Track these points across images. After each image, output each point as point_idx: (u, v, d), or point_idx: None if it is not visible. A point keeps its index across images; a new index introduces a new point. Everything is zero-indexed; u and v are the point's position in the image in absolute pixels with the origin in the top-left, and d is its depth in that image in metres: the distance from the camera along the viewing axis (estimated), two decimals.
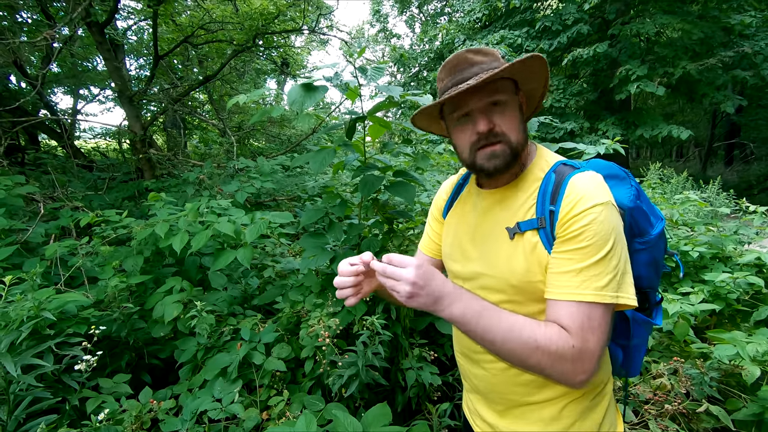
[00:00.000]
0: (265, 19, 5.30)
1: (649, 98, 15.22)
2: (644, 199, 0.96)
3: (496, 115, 0.90)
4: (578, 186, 0.84)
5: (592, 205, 0.81)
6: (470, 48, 0.93)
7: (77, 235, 2.80)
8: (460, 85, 0.88)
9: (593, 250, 0.80)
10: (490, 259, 0.94)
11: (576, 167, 0.90)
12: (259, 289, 2.55)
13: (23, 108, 4.15)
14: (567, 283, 0.81)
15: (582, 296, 0.79)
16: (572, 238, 0.81)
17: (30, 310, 1.47)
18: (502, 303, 0.91)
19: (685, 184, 6.69)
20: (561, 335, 0.79)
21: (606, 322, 0.80)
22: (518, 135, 0.91)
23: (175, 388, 1.80)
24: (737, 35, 10.29)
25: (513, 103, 0.92)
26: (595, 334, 0.79)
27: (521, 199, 0.92)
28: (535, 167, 0.94)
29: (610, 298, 0.79)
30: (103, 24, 4.27)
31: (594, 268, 0.80)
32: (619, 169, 0.98)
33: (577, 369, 0.78)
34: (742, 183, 13.19)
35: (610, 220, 0.81)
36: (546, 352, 0.78)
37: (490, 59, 0.91)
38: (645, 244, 0.94)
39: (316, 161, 1.86)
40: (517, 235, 0.90)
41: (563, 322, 0.80)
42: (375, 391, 2.00)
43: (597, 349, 0.79)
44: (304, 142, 6.18)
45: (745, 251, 2.92)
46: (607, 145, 2.54)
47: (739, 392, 1.97)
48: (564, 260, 0.82)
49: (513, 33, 12.21)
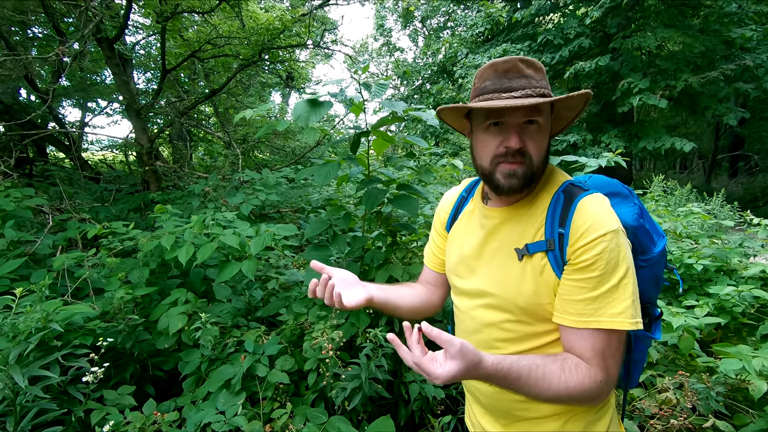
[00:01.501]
0: (270, 34, 5.40)
1: (651, 110, 15.28)
2: (647, 218, 0.96)
3: (528, 135, 0.87)
4: (588, 211, 0.84)
5: (603, 233, 0.81)
6: (524, 57, 0.89)
7: (84, 246, 2.83)
8: (504, 95, 0.85)
9: (606, 278, 0.80)
10: (497, 279, 0.93)
11: (584, 188, 0.90)
12: (263, 300, 2.55)
13: (32, 121, 4.23)
14: (582, 310, 0.82)
15: (599, 323, 0.80)
16: (585, 267, 0.81)
17: (38, 322, 1.49)
18: (507, 322, 0.92)
19: (689, 196, 6.67)
20: (590, 375, 0.80)
21: (622, 344, 0.83)
22: (541, 159, 0.89)
23: (178, 400, 1.81)
24: (738, 48, 10.35)
25: (546, 126, 0.90)
26: (615, 359, 0.82)
27: (530, 220, 0.91)
28: (545, 187, 0.93)
29: (629, 324, 0.80)
30: (112, 39, 4.36)
31: (609, 295, 0.80)
32: (622, 187, 0.98)
33: (602, 395, 0.83)
34: (747, 195, 13.13)
35: (621, 246, 0.81)
36: (578, 398, 0.81)
37: (539, 75, 0.89)
38: (647, 261, 0.94)
39: (320, 174, 1.89)
40: (526, 257, 0.89)
41: (583, 351, 0.82)
42: (378, 405, 2.00)
43: (616, 372, 0.82)
44: (308, 154, 6.24)
45: (750, 264, 2.91)
46: (609, 158, 2.56)
47: (747, 407, 1.95)
48: (577, 288, 0.83)
49: (515, 46, 12.34)
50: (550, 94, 0.87)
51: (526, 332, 0.91)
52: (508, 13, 13.21)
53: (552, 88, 7.00)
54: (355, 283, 1.00)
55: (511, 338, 0.93)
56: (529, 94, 0.84)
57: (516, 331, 0.92)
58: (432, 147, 2.92)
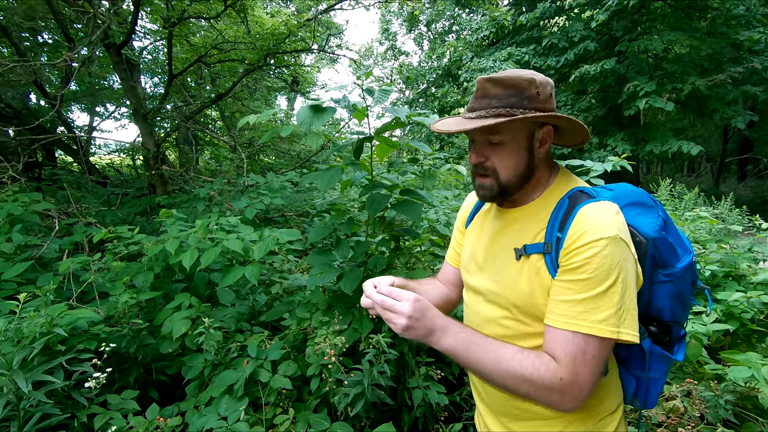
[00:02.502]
0: (276, 39, 5.43)
1: (658, 113, 15.17)
2: (672, 230, 0.94)
3: (492, 152, 0.91)
4: (586, 217, 0.84)
5: (596, 238, 0.80)
6: (492, 76, 0.89)
7: (90, 250, 2.85)
8: (468, 114, 0.90)
9: (594, 284, 0.79)
10: (498, 276, 0.96)
11: (592, 195, 0.89)
12: (267, 305, 2.56)
13: (41, 125, 4.28)
14: (565, 311, 0.82)
15: (578, 327, 0.80)
16: (574, 269, 0.82)
17: (42, 326, 1.50)
18: (505, 319, 0.95)
19: (696, 200, 6.61)
20: (549, 368, 0.80)
21: (602, 355, 0.80)
22: (510, 174, 0.91)
23: (181, 404, 1.81)
24: (746, 51, 10.27)
25: (513, 143, 0.90)
26: (588, 366, 0.79)
27: (533, 223, 0.93)
28: (553, 192, 0.95)
29: (608, 332, 0.78)
30: (120, 45, 4.41)
31: (593, 301, 0.79)
32: (647, 197, 0.96)
33: (565, 399, 0.80)
34: (756, 198, 12.99)
35: (615, 254, 0.79)
36: (533, 385, 0.80)
37: (508, 93, 0.88)
38: (669, 276, 0.92)
39: (324, 179, 1.89)
40: (523, 257, 0.91)
41: (556, 351, 0.81)
42: (381, 411, 1.99)
43: (588, 381, 0.79)
44: (313, 158, 6.26)
45: (759, 269, 2.86)
46: (614, 162, 2.54)
47: (757, 416, 1.92)
48: (564, 289, 0.83)
49: (520, 50, 12.32)
50: (514, 113, 0.86)
51: (523, 331, 0.93)
52: (512, 17, 13.19)
53: (557, 91, 7.01)
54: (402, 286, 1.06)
55: (509, 335, 0.94)
56: (482, 115, 0.87)
57: (513, 329, 0.94)
58: (436, 151, 2.92)
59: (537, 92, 0.88)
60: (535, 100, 0.87)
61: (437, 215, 3.10)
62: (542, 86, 0.89)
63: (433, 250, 2.71)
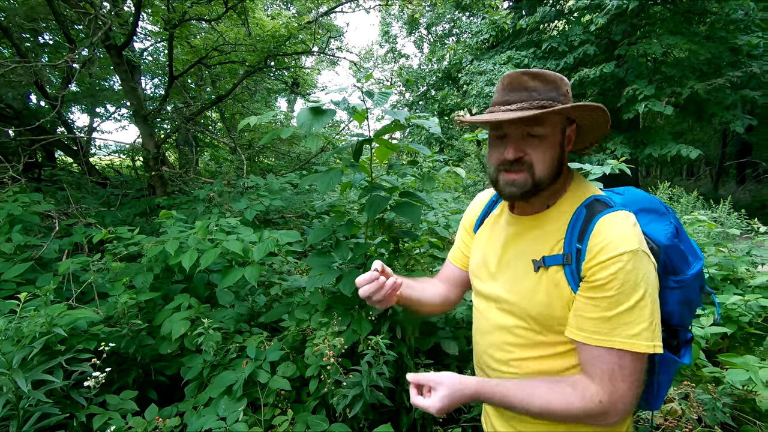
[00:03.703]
0: (276, 41, 5.45)
1: (657, 117, 15.22)
2: (684, 238, 0.94)
3: (530, 146, 0.89)
4: (607, 229, 0.83)
5: (620, 252, 0.79)
6: (529, 70, 0.89)
7: (90, 251, 2.86)
8: (501, 108, 0.88)
9: (622, 299, 0.79)
10: (513, 286, 0.95)
11: (610, 205, 0.88)
12: (266, 306, 2.56)
13: (42, 126, 4.29)
14: (597, 328, 0.82)
15: (612, 342, 0.80)
16: (600, 286, 0.81)
17: (42, 326, 1.50)
18: (518, 328, 0.95)
19: (695, 203, 6.63)
20: (585, 396, 0.81)
21: (639, 369, 0.81)
22: (546, 169, 0.89)
23: (180, 405, 1.81)
24: (745, 55, 10.32)
25: (553, 137, 0.90)
26: (627, 381, 0.80)
27: (550, 232, 0.92)
28: (568, 200, 0.93)
29: (644, 347, 0.79)
30: (121, 47, 4.42)
31: (625, 317, 0.79)
32: (659, 204, 0.96)
33: (609, 417, 0.81)
34: (755, 202, 13.02)
35: (639, 268, 0.79)
36: (578, 416, 0.82)
37: (548, 87, 0.88)
38: (680, 283, 0.91)
39: (323, 181, 1.89)
40: (542, 269, 0.90)
41: (594, 370, 0.82)
42: (380, 412, 1.99)
43: (628, 395, 0.80)
44: (313, 160, 6.27)
45: (757, 273, 2.87)
46: (613, 166, 2.55)
47: (755, 419, 1.92)
48: (591, 306, 0.82)
49: (520, 53, 12.38)
50: (555, 105, 0.85)
51: (535, 340, 0.93)
52: (512, 20, 13.25)
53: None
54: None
55: (520, 344, 0.95)
56: (525, 107, 0.85)
57: (525, 338, 0.94)
58: (435, 153, 2.92)
59: (567, 90, 0.90)
60: (567, 98, 0.90)
61: (436, 217, 3.11)
62: (568, 86, 0.91)
63: (432, 252, 2.72)
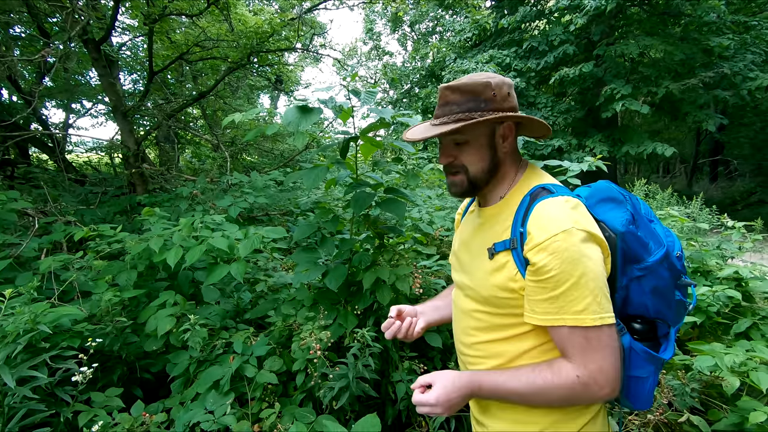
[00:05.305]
0: (259, 37, 5.41)
1: (635, 116, 15.63)
2: (641, 225, 0.95)
3: (458, 151, 1.00)
4: (542, 213, 0.88)
5: (553, 233, 0.84)
6: (451, 84, 0.97)
7: (69, 249, 2.81)
8: (434, 121, 1.01)
9: (564, 277, 0.83)
10: (473, 272, 1.04)
11: (552, 191, 0.94)
12: (252, 303, 2.57)
13: (15, 122, 4.17)
14: (547, 309, 0.86)
15: (563, 321, 0.84)
16: (540, 268, 0.85)
17: (26, 323, 1.49)
18: (477, 312, 1.02)
19: (669, 199, 6.86)
20: (561, 373, 0.86)
21: (607, 339, 0.84)
22: (478, 169, 0.99)
23: (166, 401, 1.81)
24: (717, 57, 10.68)
25: (478, 141, 0.98)
26: (598, 352, 0.83)
27: (501, 221, 0.98)
28: (519, 190, 0.99)
29: (591, 320, 0.82)
30: (99, 41, 4.33)
31: (569, 294, 0.83)
32: (617, 192, 0.98)
33: (593, 390, 0.84)
34: (727, 199, 13.51)
35: (574, 245, 0.83)
36: (561, 394, 0.86)
37: (466, 99, 0.95)
38: (644, 270, 0.92)
39: (309, 178, 1.92)
40: (495, 255, 0.96)
41: (565, 349, 0.87)
42: (366, 404, 2.03)
43: (606, 365, 0.83)
44: (297, 157, 6.25)
45: (726, 266, 3.01)
46: (590, 163, 2.64)
47: (721, 403, 2.02)
48: (539, 289, 0.87)
49: (501, 52, 12.53)
50: (472, 116, 0.94)
51: (492, 323, 0.99)
52: (494, 20, 13.39)
53: (538, 93, 7.17)
54: (415, 314, 1.22)
55: (481, 327, 1.02)
56: (445, 121, 0.96)
57: (484, 321, 1.01)
58: (419, 151, 2.96)
59: (493, 94, 0.95)
60: (492, 102, 0.95)
61: (420, 214, 3.16)
62: (498, 87, 0.95)
63: (416, 248, 2.77)
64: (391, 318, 1.18)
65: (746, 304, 2.57)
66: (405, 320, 1.19)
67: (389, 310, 1.20)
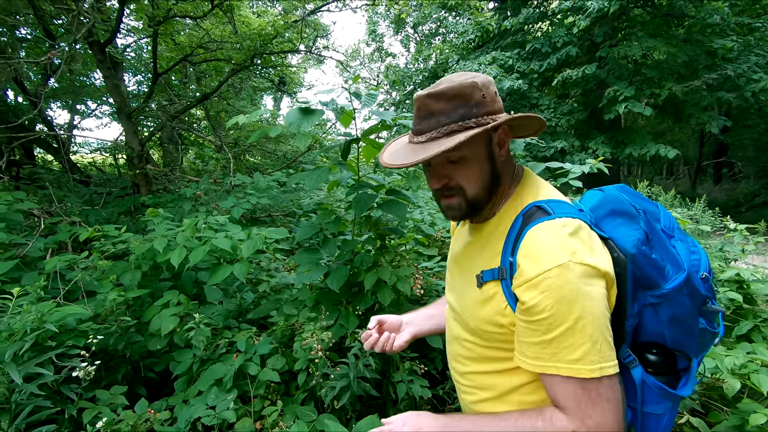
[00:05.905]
0: (263, 39, 5.45)
1: (638, 118, 15.59)
2: (657, 245, 0.80)
3: (453, 170, 0.85)
4: (534, 241, 0.76)
5: (546, 268, 0.71)
6: (433, 91, 0.82)
7: (74, 249, 2.84)
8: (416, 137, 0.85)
9: (557, 320, 0.71)
10: (462, 298, 0.94)
11: (549, 212, 0.79)
12: (254, 303, 2.59)
13: (21, 123, 4.21)
14: (537, 354, 0.75)
15: (558, 370, 0.72)
16: (531, 307, 0.73)
17: (33, 322, 1.51)
18: (466, 341, 0.93)
19: (672, 201, 6.84)
20: (555, 422, 0.74)
21: (610, 389, 0.71)
22: (477, 187, 0.85)
23: (170, 399, 1.83)
24: (720, 59, 10.65)
25: (474, 155, 0.84)
26: (599, 406, 0.71)
27: (491, 244, 0.87)
28: (512, 206, 0.87)
29: (588, 371, 0.70)
30: (104, 43, 4.37)
31: (564, 339, 0.71)
32: (629, 205, 0.83)
33: None
34: (730, 201, 13.45)
35: (571, 282, 0.70)
36: None
37: (454, 106, 0.81)
38: (659, 298, 0.78)
39: (311, 179, 1.94)
40: (483, 285, 0.85)
41: (558, 399, 0.75)
42: (367, 404, 2.04)
43: (608, 422, 0.71)
44: (300, 158, 6.28)
45: (728, 268, 3.00)
46: (592, 165, 2.64)
47: (722, 405, 2.02)
48: (529, 330, 0.75)
49: (504, 54, 12.53)
50: (468, 125, 0.80)
51: (482, 354, 0.89)
52: (497, 22, 13.41)
53: (541, 95, 7.12)
54: (398, 326, 1.14)
55: (470, 357, 0.93)
56: (434, 136, 0.81)
57: (473, 351, 0.91)
58: None
59: (483, 96, 0.81)
60: (483, 105, 0.82)
61: (422, 215, 3.17)
62: (486, 87, 0.83)
63: (418, 249, 2.78)
64: (369, 330, 1.09)
65: (748, 307, 2.57)
66: (383, 334, 1.10)
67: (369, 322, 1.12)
